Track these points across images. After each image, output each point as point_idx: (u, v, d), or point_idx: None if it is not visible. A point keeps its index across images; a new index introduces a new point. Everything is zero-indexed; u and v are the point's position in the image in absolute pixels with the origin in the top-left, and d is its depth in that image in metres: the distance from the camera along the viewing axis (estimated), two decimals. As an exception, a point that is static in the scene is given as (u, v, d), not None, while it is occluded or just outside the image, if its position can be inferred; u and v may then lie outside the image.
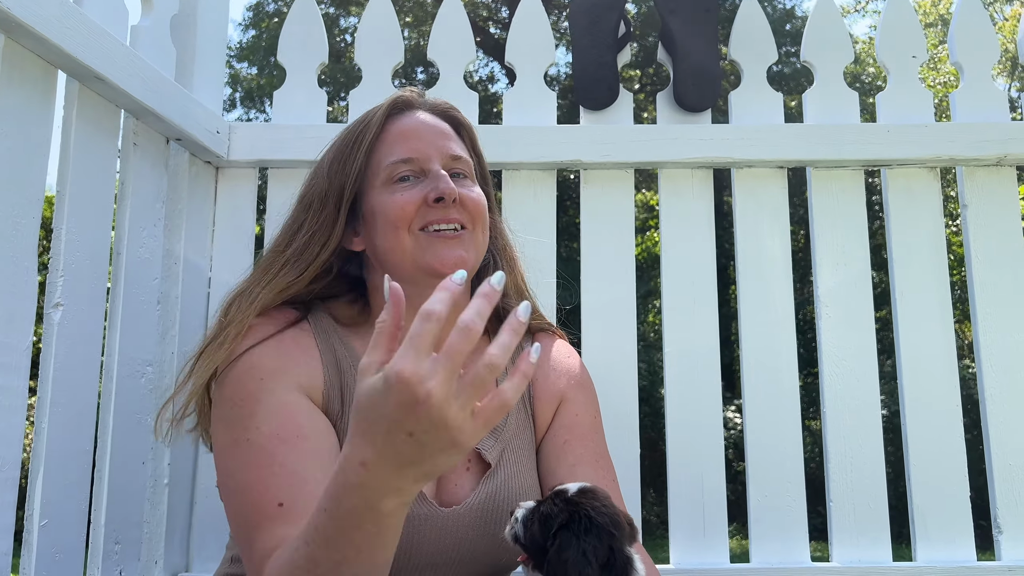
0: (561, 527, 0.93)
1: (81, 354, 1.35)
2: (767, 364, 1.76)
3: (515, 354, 1.25)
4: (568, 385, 1.29)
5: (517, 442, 1.21)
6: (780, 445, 1.73)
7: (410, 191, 1.14)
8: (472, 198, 1.17)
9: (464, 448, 0.73)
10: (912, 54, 1.88)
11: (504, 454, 1.18)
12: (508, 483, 1.17)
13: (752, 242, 1.81)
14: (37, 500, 1.26)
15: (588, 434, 1.26)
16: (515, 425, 1.22)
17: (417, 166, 1.15)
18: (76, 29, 1.28)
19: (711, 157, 1.78)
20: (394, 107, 1.21)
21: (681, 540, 1.71)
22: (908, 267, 1.79)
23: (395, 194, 1.14)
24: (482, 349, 1.21)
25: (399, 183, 1.14)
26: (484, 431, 0.74)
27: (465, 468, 1.16)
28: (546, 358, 1.30)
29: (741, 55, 1.89)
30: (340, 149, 1.21)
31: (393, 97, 1.22)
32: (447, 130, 1.22)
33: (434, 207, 1.12)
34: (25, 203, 1.24)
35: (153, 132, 1.57)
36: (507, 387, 0.74)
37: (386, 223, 1.14)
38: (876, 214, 5.60)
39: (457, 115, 1.27)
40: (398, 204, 1.13)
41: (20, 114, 1.24)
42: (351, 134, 1.20)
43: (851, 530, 1.69)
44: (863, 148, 1.78)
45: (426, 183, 1.14)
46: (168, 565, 1.56)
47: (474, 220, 1.17)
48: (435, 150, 1.17)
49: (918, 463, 1.71)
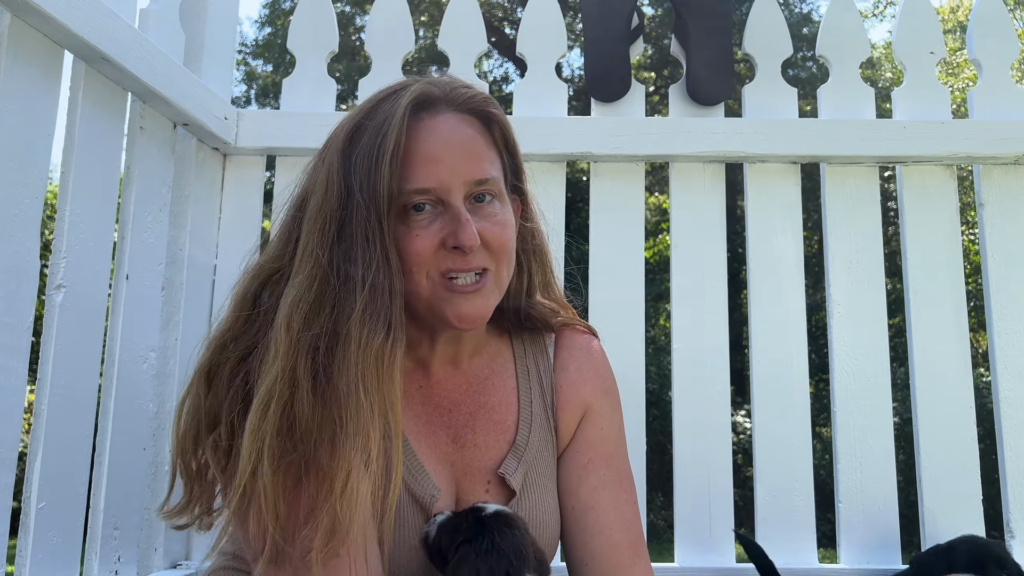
0: (464, 542, 0.94)
1: (83, 337, 1.34)
2: (778, 360, 1.73)
3: (535, 359, 1.21)
4: (594, 392, 1.20)
5: (540, 462, 1.13)
6: (789, 443, 1.70)
7: (426, 231, 1.00)
8: (495, 234, 1.02)
9: None
10: (930, 50, 1.85)
11: (527, 477, 1.11)
12: (533, 512, 1.10)
13: (764, 239, 1.78)
14: (35, 482, 1.24)
15: (613, 452, 1.18)
16: (538, 442, 1.14)
17: (435, 196, 1.00)
18: (83, 9, 1.27)
19: (724, 151, 1.76)
20: (416, 105, 1.02)
21: (686, 540, 1.68)
22: (923, 266, 1.76)
23: (412, 231, 0.99)
24: (482, 346, 1.20)
25: (415, 213, 1.00)
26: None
27: (485, 491, 1.10)
28: (571, 361, 1.21)
29: (755, 49, 1.86)
30: (358, 162, 0.99)
31: (414, 94, 1.01)
32: (473, 143, 1.04)
33: (453, 253, 1.00)
34: (28, 183, 1.23)
35: (160, 116, 1.57)
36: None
37: (402, 260, 1.00)
38: (891, 220, 5.53)
39: (487, 109, 1.08)
40: (415, 249, 0.99)
41: (25, 94, 1.23)
42: (370, 144, 0.99)
43: (860, 531, 1.67)
44: (878, 144, 1.76)
45: (446, 220, 1.00)
46: (168, 552, 1.55)
47: (498, 258, 1.04)
48: (458, 178, 1.00)
49: (930, 467, 1.68)
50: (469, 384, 1.15)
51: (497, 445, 1.12)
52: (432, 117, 1.02)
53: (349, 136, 1.00)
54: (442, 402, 1.12)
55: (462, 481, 1.10)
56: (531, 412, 1.15)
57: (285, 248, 1.01)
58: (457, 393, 1.14)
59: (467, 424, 1.12)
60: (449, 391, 1.13)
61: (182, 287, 1.61)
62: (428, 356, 1.13)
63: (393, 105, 1.00)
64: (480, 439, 1.12)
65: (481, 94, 1.07)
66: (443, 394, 1.13)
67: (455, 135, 1.02)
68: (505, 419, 1.14)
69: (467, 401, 1.14)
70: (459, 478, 1.10)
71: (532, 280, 1.18)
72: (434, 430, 1.11)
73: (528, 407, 1.15)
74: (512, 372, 1.18)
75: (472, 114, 1.06)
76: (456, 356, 1.14)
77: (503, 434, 1.13)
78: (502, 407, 1.15)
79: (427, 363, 1.14)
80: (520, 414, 1.14)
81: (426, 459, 1.08)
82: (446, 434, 1.11)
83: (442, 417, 1.11)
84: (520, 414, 1.14)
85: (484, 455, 1.11)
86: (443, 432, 1.11)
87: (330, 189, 0.98)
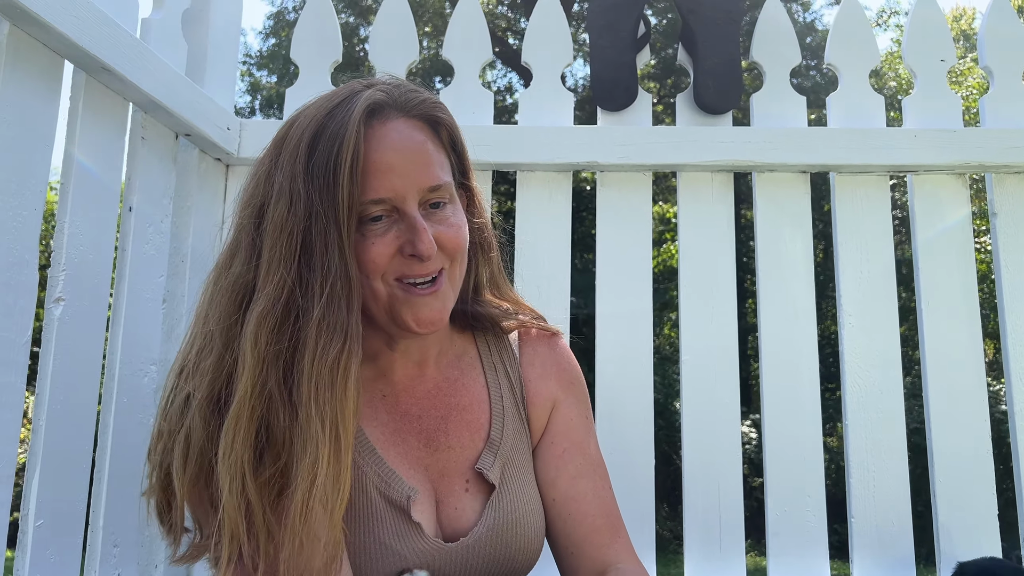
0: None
1: (82, 351, 1.32)
2: (788, 372, 1.70)
3: (499, 355, 1.23)
4: (560, 384, 1.23)
5: (515, 454, 1.16)
6: (800, 456, 1.67)
7: (382, 239, 1.01)
8: (450, 236, 1.05)
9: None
10: (940, 58, 1.82)
11: (505, 470, 1.13)
12: (514, 505, 1.12)
13: (773, 249, 1.75)
14: (33, 499, 1.22)
15: (584, 440, 1.22)
16: (512, 435, 1.16)
17: (390, 205, 1.01)
18: (84, 18, 1.25)
19: (732, 160, 1.74)
20: (368, 113, 1.01)
21: (696, 555, 1.65)
22: (934, 276, 1.73)
23: (367, 239, 1.00)
24: (447, 347, 1.20)
25: (371, 223, 1.01)
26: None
27: (464, 489, 1.11)
28: (536, 356, 1.24)
29: (763, 57, 1.84)
30: (315, 173, 0.98)
31: (367, 102, 1.01)
32: (423, 148, 1.04)
33: (410, 260, 1.02)
34: (27, 194, 1.22)
35: (162, 127, 1.55)
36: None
37: (360, 268, 1.01)
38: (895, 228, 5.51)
39: (435, 113, 1.09)
40: (370, 257, 1.00)
41: (24, 104, 1.21)
42: (326, 154, 0.98)
43: (874, 547, 1.63)
44: (889, 153, 1.73)
45: (402, 229, 1.01)
46: (168, 571, 1.52)
47: (453, 257, 1.06)
48: (411, 185, 1.01)
49: (944, 480, 1.65)
50: (438, 388, 1.16)
51: (472, 444, 1.13)
52: (383, 124, 1.02)
53: (308, 146, 0.99)
54: (410, 409, 1.13)
55: (439, 483, 1.10)
56: (503, 407, 1.17)
57: (250, 261, 1.00)
58: (426, 399, 1.15)
59: (439, 428, 1.13)
60: (418, 398, 1.15)
61: (183, 299, 1.59)
62: (390, 365, 1.14)
63: (347, 114, 1.00)
64: (454, 440, 1.13)
65: (430, 98, 1.09)
66: (411, 401, 1.14)
67: (406, 143, 1.03)
68: (478, 417, 1.16)
69: (437, 405, 1.15)
70: (435, 480, 1.10)
71: (479, 276, 1.19)
72: (404, 437, 1.11)
73: (499, 402, 1.18)
74: (480, 369, 1.20)
75: (420, 119, 1.07)
76: (422, 360, 1.16)
77: (477, 432, 1.14)
78: (474, 406, 1.16)
79: (390, 372, 1.14)
80: (492, 410, 1.16)
81: (397, 466, 1.08)
82: (417, 440, 1.12)
83: (411, 424, 1.12)
84: (492, 410, 1.16)
85: (459, 455, 1.12)
86: (414, 438, 1.12)
87: (293, 200, 0.97)
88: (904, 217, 7.68)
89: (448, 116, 1.11)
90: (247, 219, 1.02)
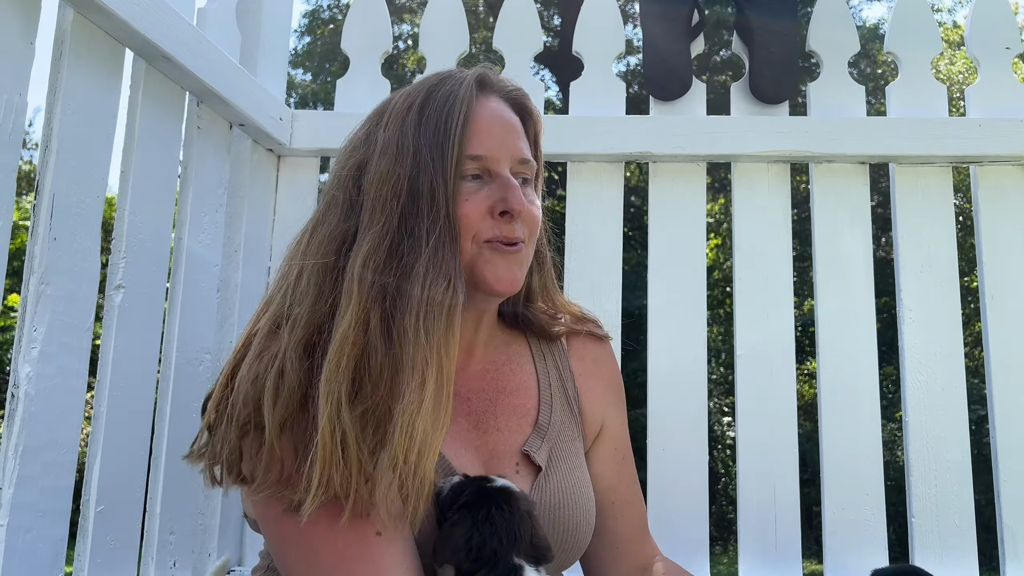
0: (462, 507, 0.95)
1: (141, 338, 1.32)
2: (847, 365, 1.66)
3: (549, 348, 1.24)
4: (611, 388, 1.28)
5: (563, 440, 1.17)
6: (858, 454, 1.63)
7: (476, 196, 1.05)
8: (533, 214, 1.10)
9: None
10: (1006, 45, 1.77)
11: (552, 453, 1.15)
12: (562, 486, 1.12)
13: (831, 242, 1.72)
14: (94, 486, 1.23)
15: (629, 445, 1.28)
16: (560, 422, 1.18)
17: (485, 165, 1.06)
18: (145, 6, 1.25)
19: (789, 151, 1.70)
20: (479, 84, 1.10)
21: (751, 555, 1.62)
22: (999, 270, 1.68)
23: (460, 195, 1.04)
24: (495, 335, 1.20)
25: (466, 181, 1.05)
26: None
27: (515, 472, 1.12)
28: (587, 354, 1.27)
29: (821, 46, 1.80)
30: (427, 128, 1.04)
31: (478, 73, 1.10)
32: (517, 125, 1.12)
33: (499, 220, 1.05)
34: (90, 182, 1.22)
35: (217, 116, 1.55)
36: None
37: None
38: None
39: (528, 104, 1.17)
40: (464, 212, 1.03)
41: (88, 92, 1.22)
42: (439, 112, 1.04)
43: (935, 548, 1.59)
44: (952, 143, 1.68)
45: (493, 188, 1.06)
46: (221, 557, 1.53)
47: (530, 237, 1.11)
48: (506, 151, 1.08)
49: (1008, 479, 1.60)
50: (486, 371, 1.18)
51: (520, 428, 1.15)
52: (487, 98, 1.11)
53: (420, 103, 1.06)
54: (459, 391, 1.14)
55: (490, 464, 1.11)
56: (551, 394, 1.19)
57: (349, 213, 1.03)
58: (474, 380, 1.16)
59: (488, 410, 1.15)
60: (466, 379, 1.15)
61: (237, 288, 1.59)
62: None
63: (458, 83, 1.08)
64: (503, 423, 1.15)
65: (521, 89, 1.17)
66: (460, 383, 1.14)
67: (506, 117, 1.11)
68: (525, 403, 1.17)
69: (485, 388, 1.17)
70: (486, 462, 1.11)
71: (531, 284, 1.21)
72: (454, 419, 1.11)
73: (548, 389, 1.20)
74: (528, 357, 1.22)
75: (515, 106, 1.15)
76: (471, 345, 1.17)
77: (525, 417, 1.16)
78: (521, 391, 1.18)
79: None
80: (540, 396, 1.19)
81: (446, 446, 1.08)
82: (467, 421, 1.13)
83: (460, 405, 1.13)
84: (540, 396, 1.19)
85: (508, 438, 1.14)
86: (463, 420, 1.13)
87: (401, 151, 1.03)
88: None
89: (538, 112, 1.18)
90: (345, 178, 1.06)
